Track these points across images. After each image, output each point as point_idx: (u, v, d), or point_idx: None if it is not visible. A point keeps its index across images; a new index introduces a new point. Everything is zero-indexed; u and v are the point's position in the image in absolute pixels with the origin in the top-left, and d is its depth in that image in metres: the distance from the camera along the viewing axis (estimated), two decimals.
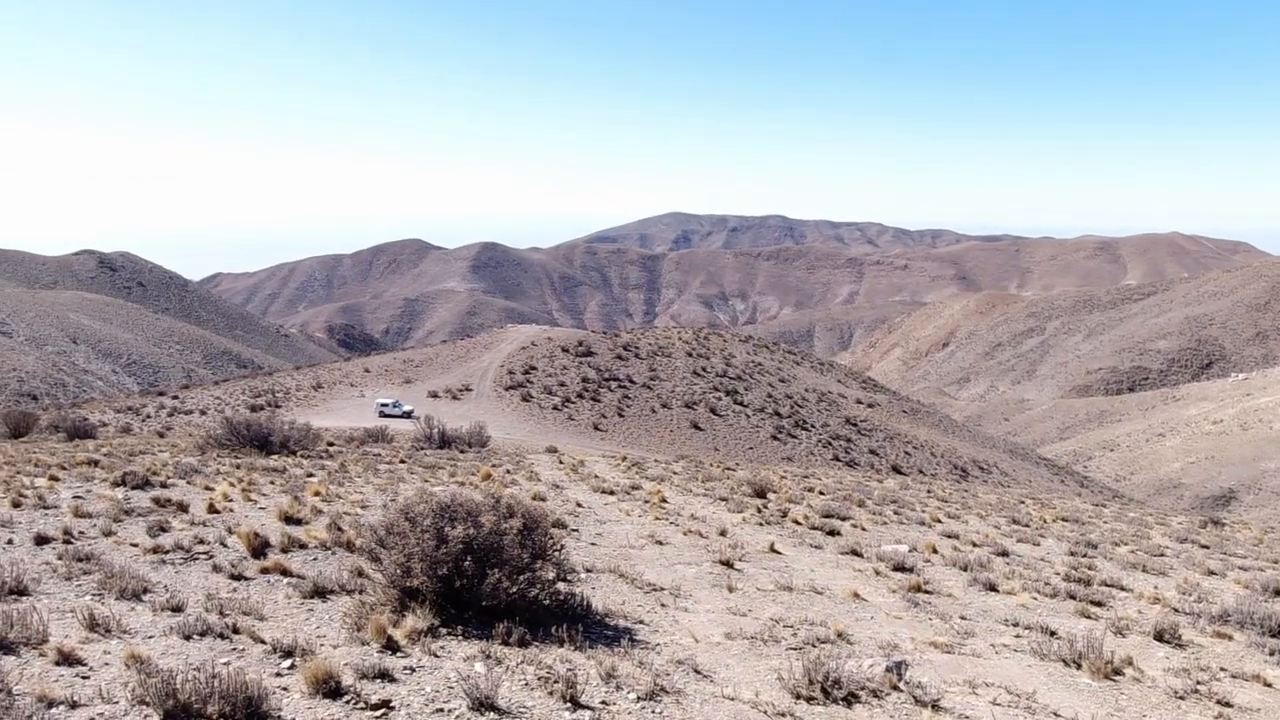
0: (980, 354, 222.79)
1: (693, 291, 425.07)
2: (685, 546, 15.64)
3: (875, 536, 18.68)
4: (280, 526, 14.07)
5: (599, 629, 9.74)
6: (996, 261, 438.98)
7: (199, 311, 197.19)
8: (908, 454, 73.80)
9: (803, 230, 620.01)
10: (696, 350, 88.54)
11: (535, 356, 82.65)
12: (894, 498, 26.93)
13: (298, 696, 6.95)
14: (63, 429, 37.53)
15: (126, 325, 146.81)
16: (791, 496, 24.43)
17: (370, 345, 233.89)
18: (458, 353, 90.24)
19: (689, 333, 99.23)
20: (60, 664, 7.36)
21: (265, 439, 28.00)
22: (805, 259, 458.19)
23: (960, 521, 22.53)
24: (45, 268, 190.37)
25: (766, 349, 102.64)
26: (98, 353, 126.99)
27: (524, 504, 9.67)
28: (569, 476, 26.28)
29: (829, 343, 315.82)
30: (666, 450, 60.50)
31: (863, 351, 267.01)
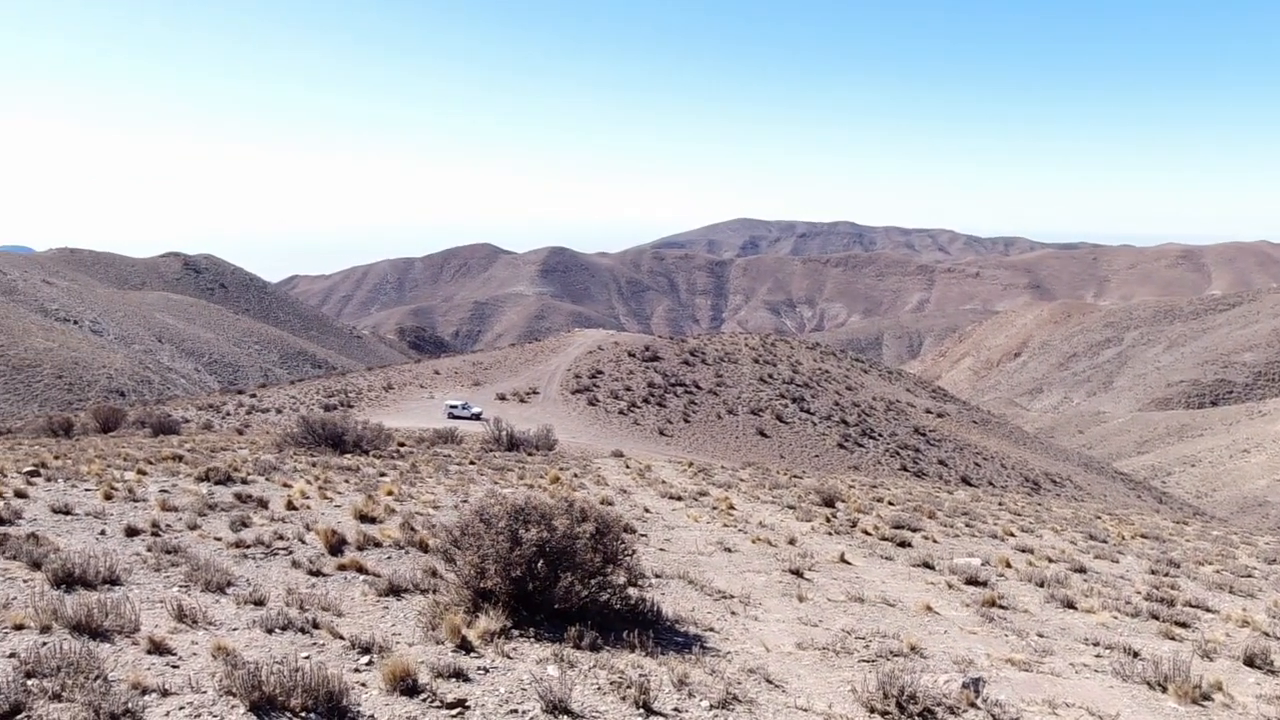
0: (1054, 364, 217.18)
1: (760, 298, 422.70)
2: (754, 554, 15.55)
3: (947, 549, 18.34)
4: (355, 525, 14.36)
5: (669, 635, 9.73)
6: (1072, 270, 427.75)
7: (276, 312, 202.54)
8: (977, 465, 72.30)
9: (872, 237, 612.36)
10: (763, 357, 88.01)
11: (602, 361, 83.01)
12: (965, 510, 26.40)
13: (376, 693, 7.08)
14: (148, 425, 38.88)
15: (208, 325, 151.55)
16: (860, 506, 24.10)
17: (440, 347, 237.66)
18: (525, 356, 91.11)
19: (755, 339, 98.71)
20: (151, 653, 7.61)
21: (339, 438, 28.62)
22: (874, 266, 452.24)
23: (1034, 536, 21.99)
24: (134, 269, 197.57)
25: (834, 356, 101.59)
26: (181, 351, 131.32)
27: (597, 508, 9.72)
28: (636, 481, 26.32)
29: (898, 351, 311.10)
30: (732, 457, 60.23)
31: (932, 360, 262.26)
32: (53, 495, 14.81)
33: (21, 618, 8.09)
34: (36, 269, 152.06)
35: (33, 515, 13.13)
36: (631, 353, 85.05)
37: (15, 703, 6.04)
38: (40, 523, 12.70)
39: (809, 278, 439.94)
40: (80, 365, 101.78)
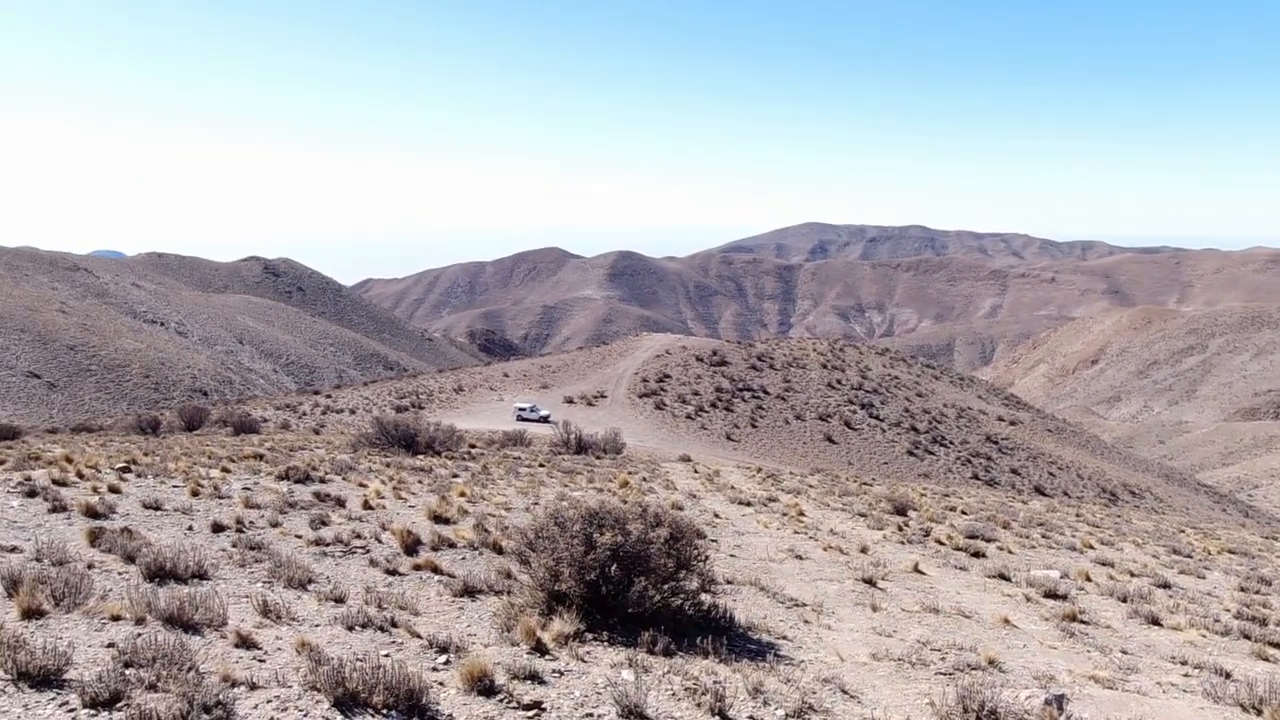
0: (1133, 372, 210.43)
1: (828, 302, 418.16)
2: (825, 562, 15.39)
3: (1023, 560, 17.91)
4: (430, 525, 14.60)
5: (742, 642, 9.68)
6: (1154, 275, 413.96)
7: (351, 315, 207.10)
8: (1052, 475, 70.48)
9: (944, 241, 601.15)
10: (831, 362, 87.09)
11: (669, 365, 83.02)
12: (1041, 520, 25.76)
13: (454, 692, 7.19)
14: (230, 424, 40.10)
15: (286, 327, 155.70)
16: (932, 515, 23.69)
17: (509, 350, 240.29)
18: (593, 359, 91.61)
19: (824, 344, 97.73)
20: (239, 646, 7.85)
21: (412, 439, 29.14)
22: (946, 271, 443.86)
23: (1114, 549, 21.35)
24: (217, 273, 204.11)
25: (904, 362, 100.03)
26: (261, 353, 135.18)
27: (671, 513, 9.72)
28: (704, 486, 26.26)
29: (969, 357, 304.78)
30: (799, 463, 59.71)
31: (1005, 367, 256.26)
32: (143, 491, 15.36)
33: (118, 609, 8.41)
34: (127, 273, 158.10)
35: (125, 510, 13.64)
36: (699, 357, 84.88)
37: (115, 691, 6.28)
38: (133, 517, 13.19)
39: (879, 282, 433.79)
40: (166, 365, 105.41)
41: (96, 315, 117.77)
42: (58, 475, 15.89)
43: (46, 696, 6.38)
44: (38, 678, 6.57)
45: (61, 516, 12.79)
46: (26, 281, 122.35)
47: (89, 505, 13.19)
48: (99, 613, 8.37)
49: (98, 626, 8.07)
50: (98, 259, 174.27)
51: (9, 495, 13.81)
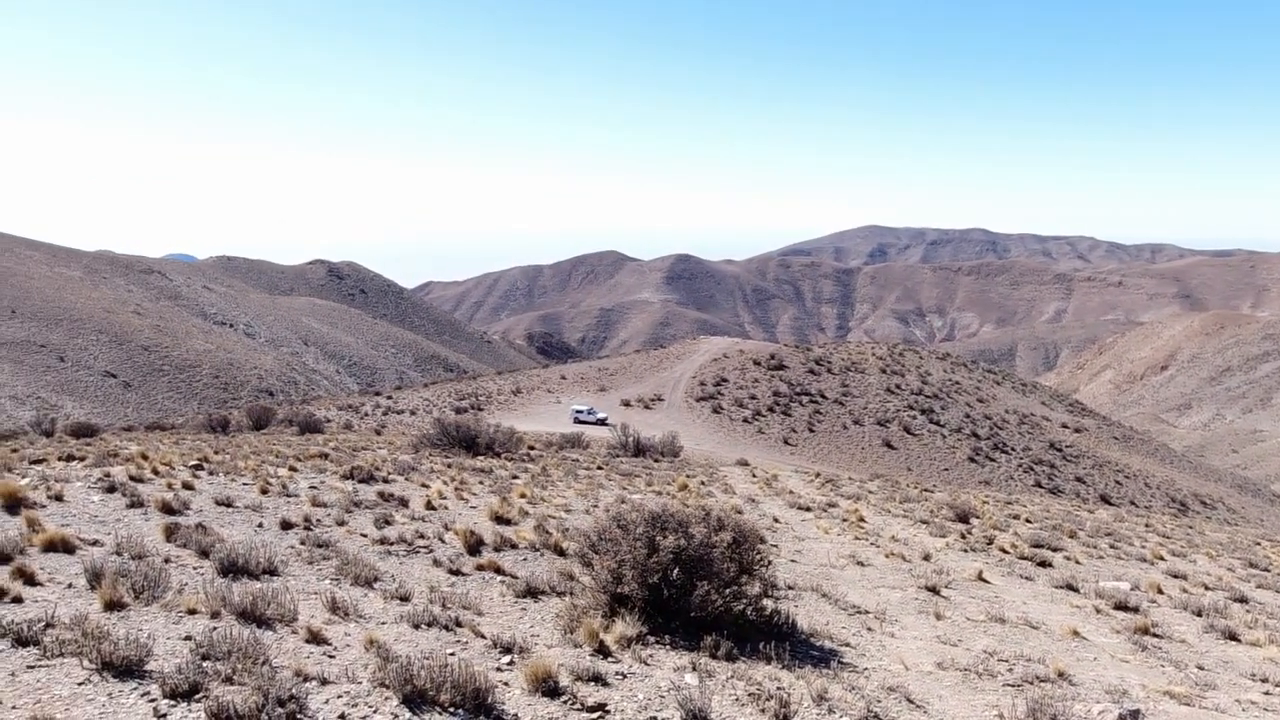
0: (1205, 379, 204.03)
1: (888, 306, 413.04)
2: (887, 569, 15.22)
3: (1091, 571, 17.51)
4: (491, 526, 14.76)
5: (805, 648, 9.62)
6: (1227, 278, 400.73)
7: (412, 317, 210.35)
8: (1118, 484, 68.74)
9: (1006, 244, 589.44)
10: (891, 367, 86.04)
11: (727, 369, 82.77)
12: (1108, 530, 25.13)
13: (518, 692, 7.25)
14: (295, 423, 40.97)
15: (349, 329, 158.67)
16: (996, 523, 23.27)
17: (567, 353, 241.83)
18: (650, 363, 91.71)
19: (883, 348, 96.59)
20: (309, 642, 8.02)
21: (472, 440, 29.47)
22: (1008, 274, 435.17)
23: (1187, 560, 20.74)
24: (283, 276, 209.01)
25: (964, 367, 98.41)
26: (324, 354, 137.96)
27: (734, 518, 9.70)
28: (763, 491, 26.13)
29: (1032, 363, 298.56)
30: (858, 468, 59.09)
31: (1069, 373, 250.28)
32: (215, 488, 15.77)
33: (194, 603, 8.65)
34: (198, 275, 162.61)
35: (199, 506, 14.01)
36: (756, 361, 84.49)
37: (194, 683, 6.47)
38: (206, 514, 13.55)
39: (939, 286, 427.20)
40: (234, 366, 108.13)
41: (169, 317, 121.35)
42: (134, 472, 16.38)
43: (129, 686, 6.59)
44: (121, 668, 6.78)
45: (139, 512, 13.18)
46: (104, 284, 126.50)
47: (164, 501, 13.58)
48: (176, 606, 8.61)
49: (175, 619, 8.30)
50: (171, 262, 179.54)
51: (90, 490, 14.29)
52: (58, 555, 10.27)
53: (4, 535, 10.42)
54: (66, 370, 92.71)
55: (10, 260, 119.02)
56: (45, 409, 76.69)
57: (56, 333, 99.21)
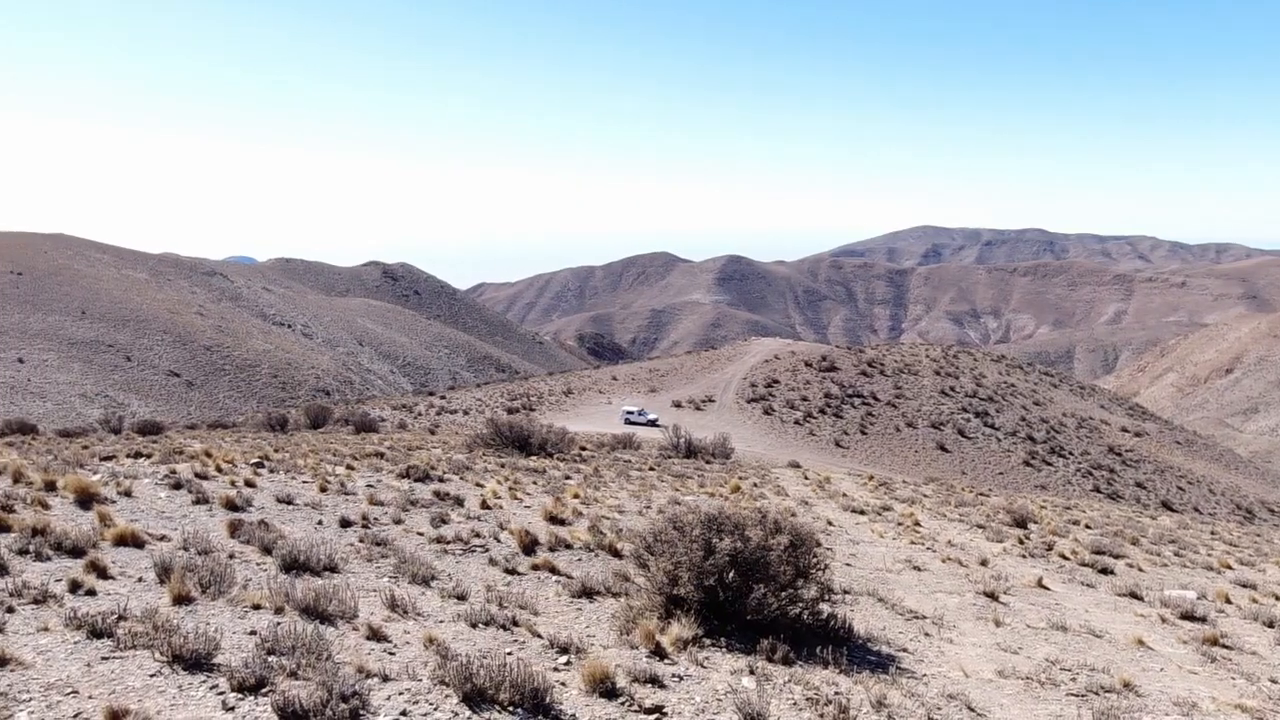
0: (1272, 382, 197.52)
1: (941, 308, 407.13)
2: (944, 574, 15.00)
3: (1155, 579, 17.07)
4: (545, 526, 14.84)
5: (862, 653, 9.52)
6: None
7: (465, 318, 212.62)
8: (1181, 490, 66.97)
9: (1064, 244, 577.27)
10: (944, 369, 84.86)
11: (778, 370, 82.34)
12: (1172, 537, 24.48)
13: (575, 693, 7.28)
14: (351, 422, 41.64)
15: (403, 330, 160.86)
16: (1055, 529, 22.81)
17: (618, 354, 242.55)
18: (701, 364, 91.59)
19: (937, 350, 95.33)
20: (370, 639, 8.14)
21: (525, 440, 29.66)
22: (1066, 275, 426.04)
23: (1256, 570, 20.11)
24: (339, 277, 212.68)
25: (1020, 369, 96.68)
26: (379, 354, 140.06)
27: (791, 520, 9.63)
28: (816, 493, 25.94)
29: (1091, 365, 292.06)
30: (911, 471, 58.40)
31: (1129, 376, 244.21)
32: (276, 486, 16.10)
33: (258, 598, 8.83)
34: (258, 277, 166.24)
35: (260, 504, 14.31)
36: (808, 362, 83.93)
37: (260, 677, 6.60)
38: (267, 511, 13.83)
39: (994, 287, 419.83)
40: (292, 366, 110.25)
41: (230, 317, 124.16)
42: (199, 469, 16.79)
43: (198, 679, 6.75)
44: (190, 661, 6.95)
45: (204, 508, 13.50)
46: (169, 286, 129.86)
47: (228, 498, 13.90)
48: (241, 601, 8.80)
49: (240, 614, 8.49)
50: (232, 264, 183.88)
51: (157, 487, 14.67)
52: (128, 550, 10.57)
53: (78, 529, 10.75)
54: (133, 369, 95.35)
55: (81, 263, 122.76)
56: (113, 407, 79.03)
57: (124, 333, 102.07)
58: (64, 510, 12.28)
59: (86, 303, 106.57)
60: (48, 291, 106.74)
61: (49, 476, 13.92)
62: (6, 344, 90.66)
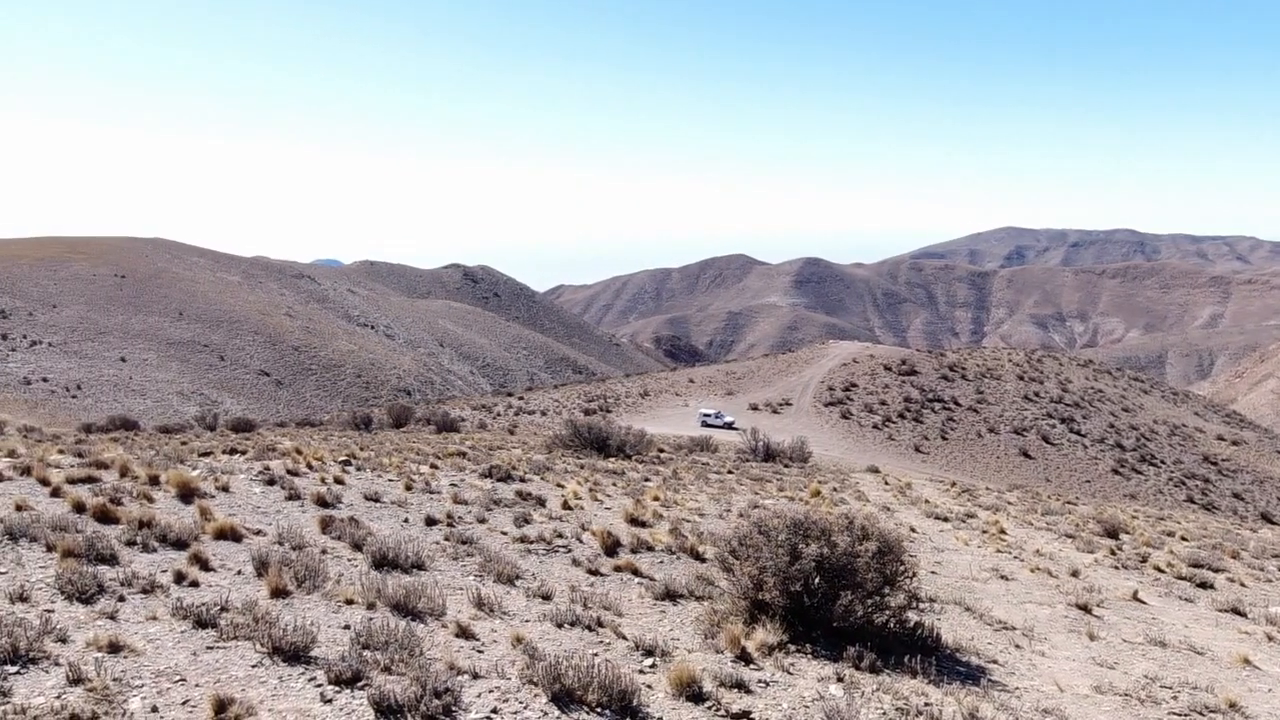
0: None
1: (1025, 311, 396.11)
2: (1033, 584, 14.61)
3: (1259, 594, 16.32)
4: (626, 527, 14.90)
5: (950, 664, 9.33)
6: None
7: (543, 320, 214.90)
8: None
9: (1156, 245, 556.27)
10: (1029, 373, 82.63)
11: (856, 374, 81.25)
12: (1275, 551, 23.38)
13: (662, 695, 7.29)
14: (433, 422, 42.43)
15: (483, 331, 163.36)
16: (1148, 540, 22.01)
17: (694, 356, 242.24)
18: (778, 367, 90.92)
19: (1020, 354, 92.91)
20: (458, 636, 8.28)
21: (604, 442, 29.84)
22: (1158, 277, 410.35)
23: None
24: (421, 279, 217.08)
25: (1108, 374, 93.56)
26: (459, 355, 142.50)
27: (878, 527, 9.50)
28: (897, 499, 25.52)
29: (1184, 370, 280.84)
30: (993, 478, 57.05)
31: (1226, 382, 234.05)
32: (363, 483, 16.49)
33: (350, 594, 9.07)
34: (343, 280, 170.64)
35: (349, 501, 14.69)
36: (887, 366, 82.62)
37: (356, 671, 6.78)
38: (356, 508, 14.18)
39: (1081, 290, 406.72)
40: (375, 366, 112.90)
41: (317, 319, 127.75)
42: (290, 466, 17.29)
43: (297, 670, 6.96)
44: (289, 653, 7.17)
45: (296, 504, 13.91)
46: (260, 288, 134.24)
47: (319, 495, 14.30)
48: (334, 595, 9.05)
49: (334, 609, 8.72)
50: (319, 267, 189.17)
51: (252, 483, 15.16)
52: (227, 543, 10.95)
53: (180, 523, 11.18)
54: (226, 369, 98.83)
55: (179, 266, 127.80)
56: (208, 404, 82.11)
57: (218, 333, 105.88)
58: (167, 504, 12.77)
59: (184, 304, 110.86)
60: (148, 294, 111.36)
61: (153, 471, 14.51)
62: (110, 344, 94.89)
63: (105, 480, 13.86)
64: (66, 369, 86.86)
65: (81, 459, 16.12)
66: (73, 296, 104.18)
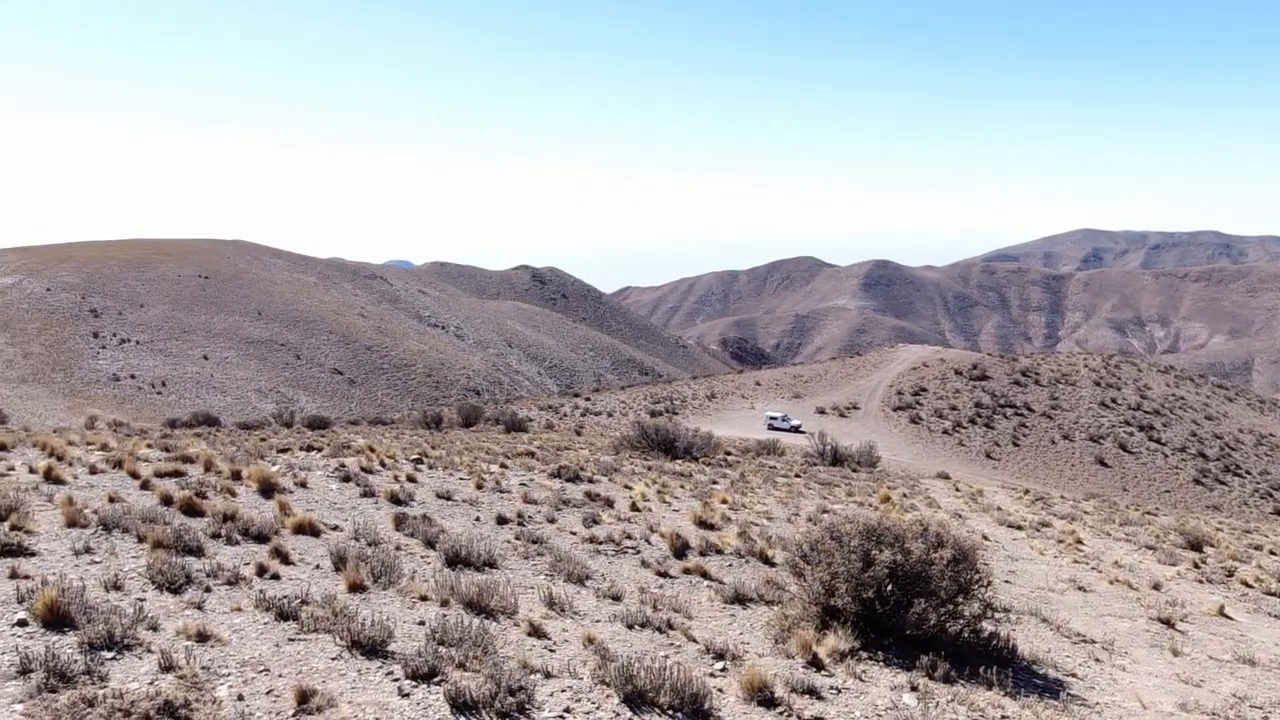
0: None
1: (1102, 315, 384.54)
2: (1112, 597, 14.22)
3: None
4: (695, 530, 14.90)
5: (1027, 676, 9.12)
6: None
7: (609, 321, 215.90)
8: None
9: (1242, 247, 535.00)
10: (1105, 379, 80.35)
11: (926, 378, 79.96)
12: None
13: (733, 700, 7.27)
14: (501, 422, 42.93)
15: (550, 332, 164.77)
16: (1234, 553, 21.25)
17: (760, 359, 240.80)
18: (846, 370, 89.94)
19: (1097, 360, 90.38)
20: (530, 635, 8.36)
21: (671, 444, 29.86)
22: (1245, 280, 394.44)
23: None
24: (490, 280, 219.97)
25: (1190, 381, 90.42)
26: (527, 356, 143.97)
27: (954, 535, 9.34)
28: (968, 506, 25.07)
29: (1272, 378, 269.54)
30: (1067, 486, 55.66)
31: None
32: (435, 482, 16.78)
33: (424, 590, 9.23)
34: (414, 280, 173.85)
35: (421, 498, 14.95)
36: (958, 370, 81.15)
37: (432, 667, 6.90)
38: (428, 505, 14.44)
39: (1161, 293, 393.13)
40: (445, 366, 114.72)
41: (389, 319, 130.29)
42: (364, 463, 17.68)
43: (375, 664, 7.11)
44: (367, 647, 7.33)
45: (370, 501, 14.22)
46: (334, 289, 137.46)
47: (392, 492, 14.59)
48: (409, 592, 9.22)
49: (409, 605, 8.89)
50: (391, 268, 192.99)
51: (328, 479, 15.55)
52: (305, 538, 11.25)
53: (261, 517, 11.53)
54: (301, 367, 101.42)
55: (258, 267, 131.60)
56: (284, 402, 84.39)
57: (294, 333, 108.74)
58: (248, 498, 13.17)
59: (262, 304, 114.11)
60: (229, 294, 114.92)
61: (235, 466, 14.97)
62: (194, 342, 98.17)
63: (190, 474, 14.34)
64: (152, 366, 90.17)
65: (168, 453, 16.72)
66: (159, 296, 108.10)
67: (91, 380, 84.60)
